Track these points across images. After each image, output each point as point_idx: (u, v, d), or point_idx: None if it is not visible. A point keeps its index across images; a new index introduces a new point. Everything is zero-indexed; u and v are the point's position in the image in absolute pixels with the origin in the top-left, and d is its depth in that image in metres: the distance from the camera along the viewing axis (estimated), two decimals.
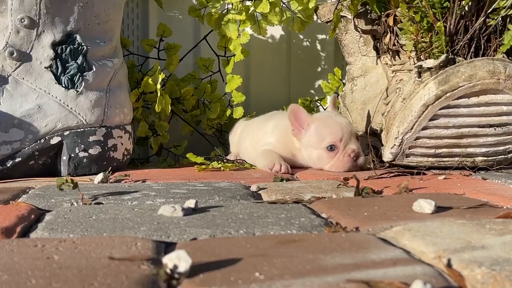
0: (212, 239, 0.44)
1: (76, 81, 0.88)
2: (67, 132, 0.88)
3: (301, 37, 1.35)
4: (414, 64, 0.85)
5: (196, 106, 1.18)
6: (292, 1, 1.12)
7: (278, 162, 0.88)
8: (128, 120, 0.97)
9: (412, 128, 0.81)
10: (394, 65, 0.93)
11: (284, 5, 1.15)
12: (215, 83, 1.18)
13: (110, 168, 0.90)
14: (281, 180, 0.79)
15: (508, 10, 0.84)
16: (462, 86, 0.79)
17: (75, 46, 0.89)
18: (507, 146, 0.84)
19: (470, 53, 0.85)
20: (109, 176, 0.82)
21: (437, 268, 0.35)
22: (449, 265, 0.35)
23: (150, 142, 1.14)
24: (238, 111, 1.16)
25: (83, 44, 0.89)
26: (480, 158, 0.84)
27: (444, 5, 0.83)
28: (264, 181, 0.79)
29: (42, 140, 0.87)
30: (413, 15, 0.84)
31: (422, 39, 0.84)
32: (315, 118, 0.92)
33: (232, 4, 1.11)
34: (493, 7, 0.84)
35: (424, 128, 0.81)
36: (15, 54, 0.84)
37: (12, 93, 0.85)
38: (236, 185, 0.72)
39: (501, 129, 0.82)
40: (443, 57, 0.80)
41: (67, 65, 0.88)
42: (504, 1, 0.84)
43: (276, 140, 0.95)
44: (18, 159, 0.85)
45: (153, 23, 1.25)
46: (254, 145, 0.98)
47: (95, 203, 0.60)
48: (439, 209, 0.53)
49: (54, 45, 0.87)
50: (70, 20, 0.88)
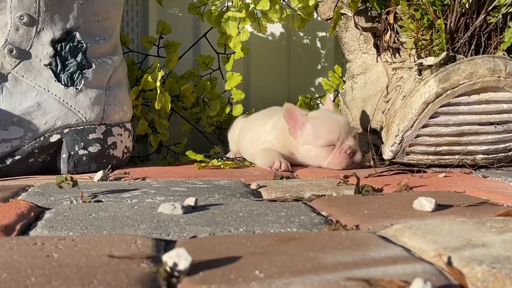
0: (212, 237, 0.44)
1: (75, 78, 0.88)
2: (67, 130, 0.88)
3: (301, 34, 1.34)
4: (415, 61, 0.85)
5: (196, 103, 1.18)
6: None
7: (278, 160, 0.88)
8: (127, 117, 0.97)
9: (412, 126, 0.81)
10: (394, 62, 0.93)
11: (284, 2, 1.15)
12: (215, 80, 1.18)
13: (109, 166, 0.90)
14: (281, 178, 0.79)
15: (508, 8, 0.84)
16: (462, 84, 0.79)
17: (74, 43, 0.88)
18: (508, 144, 0.84)
19: (470, 51, 0.85)
20: (108, 174, 0.82)
21: (438, 266, 0.35)
22: (449, 263, 0.35)
23: (149, 139, 1.14)
24: (237, 109, 1.16)
25: (82, 41, 0.89)
26: (481, 156, 0.84)
27: (445, 2, 0.83)
28: (264, 179, 0.78)
29: (42, 138, 0.87)
30: (414, 13, 0.84)
31: (422, 37, 0.84)
32: (311, 116, 0.92)
33: (232, 2, 1.11)
34: (493, 4, 0.84)
35: (424, 126, 0.81)
36: (14, 52, 0.84)
37: (11, 91, 0.85)
38: (236, 183, 0.72)
39: (501, 127, 0.82)
40: (443, 54, 0.80)
41: (66, 62, 0.88)
42: None
43: (275, 139, 0.95)
44: (17, 157, 0.85)
45: (153, 21, 1.25)
46: (254, 143, 0.98)
47: (94, 201, 0.60)
48: (439, 207, 0.52)
49: (54, 43, 0.87)
50: (70, 17, 0.87)
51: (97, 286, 0.31)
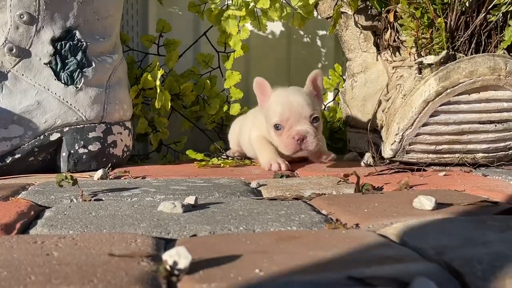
0: (212, 236, 0.44)
1: (75, 77, 0.88)
2: (67, 129, 0.88)
3: (301, 33, 1.34)
4: (415, 60, 0.84)
5: (196, 102, 1.18)
6: None
7: (275, 161, 0.87)
8: (127, 116, 0.97)
9: (412, 125, 0.81)
10: (394, 61, 0.93)
11: (284, 0, 1.15)
12: (215, 79, 1.18)
13: (109, 164, 0.90)
14: (281, 176, 0.79)
15: (508, 6, 0.84)
16: (462, 83, 0.79)
17: (74, 42, 0.88)
18: (508, 143, 0.84)
19: (470, 49, 0.85)
20: (108, 172, 0.82)
21: (438, 265, 0.35)
22: (449, 261, 0.35)
23: (149, 138, 1.14)
24: (235, 108, 1.16)
25: (82, 40, 0.89)
26: (481, 155, 0.84)
27: (445, 1, 0.83)
28: (264, 177, 0.78)
29: (42, 137, 0.87)
30: (414, 11, 0.84)
31: (422, 35, 0.84)
32: (275, 93, 0.89)
33: (232, 0, 1.11)
34: (493, 3, 0.84)
35: (424, 125, 0.81)
36: (14, 50, 0.84)
37: (11, 89, 0.84)
38: (236, 182, 0.72)
39: (501, 125, 0.82)
40: (443, 53, 0.80)
41: (66, 61, 0.88)
42: None
43: (260, 123, 0.93)
44: (17, 156, 0.85)
45: (153, 19, 1.25)
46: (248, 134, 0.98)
47: (94, 200, 0.60)
48: (439, 206, 0.52)
49: (54, 41, 0.86)
50: (70, 16, 0.87)
51: (97, 285, 0.31)
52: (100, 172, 0.79)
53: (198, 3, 1.14)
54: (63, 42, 0.87)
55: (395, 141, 0.83)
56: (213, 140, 1.20)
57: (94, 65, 0.90)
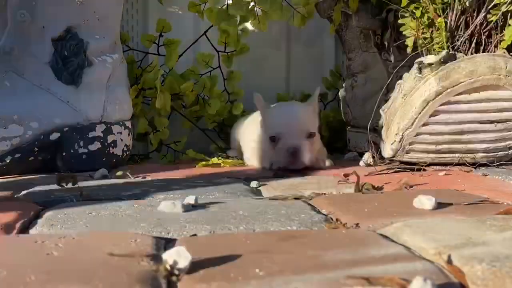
0: (212, 235, 0.44)
1: (75, 77, 0.88)
2: (67, 128, 0.88)
3: (301, 32, 1.34)
4: (415, 60, 0.84)
5: (196, 102, 1.17)
6: None
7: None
8: (127, 116, 0.97)
9: (412, 124, 0.81)
10: (394, 61, 0.93)
11: (284, 0, 1.15)
12: (215, 78, 1.18)
13: (109, 164, 0.90)
14: (281, 176, 0.79)
15: (508, 6, 0.84)
16: (462, 82, 0.79)
17: (74, 42, 0.88)
18: (508, 142, 0.84)
19: (470, 49, 0.85)
20: (108, 172, 0.82)
21: (438, 265, 0.35)
22: (449, 261, 0.35)
23: (149, 138, 1.14)
24: (238, 107, 1.16)
25: (82, 40, 0.89)
26: (481, 154, 0.84)
27: (445, 0, 0.83)
28: (264, 177, 0.78)
29: (42, 136, 0.86)
30: (414, 11, 0.84)
31: (422, 35, 0.84)
32: (274, 106, 0.93)
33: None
34: (493, 2, 0.84)
35: (424, 124, 0.81)
36: (14, 50, 0.84)
37: (11, 89, 0.84)
38: (236, 181, 0.72)
39: (501, 125, 0.82)
40: (443, 53, 0.80)
41: (66, 61, 0.88)
42: None
43: (258, 134, 0.94)
44: (17, 155, 0.85)
45: (153, 19, 1.24)
46: (247, 143, 0.98)
47: (94, 199, 0.60)
48: (439, 205, 0.52)
49: (54, 41, 0.86)
50: (70, 15, 0.87)
51: (97, 284, 0.31)
52: (100, 172, 0.79)
53: (198, 3, 1.14)
54: (63, 42, 0.87)
55: (395, 140, 0.83)
56: (214, 140, 1.20)
57: (94, 64, 0.90)
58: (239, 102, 1.16)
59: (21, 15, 0.83)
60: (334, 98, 1.31)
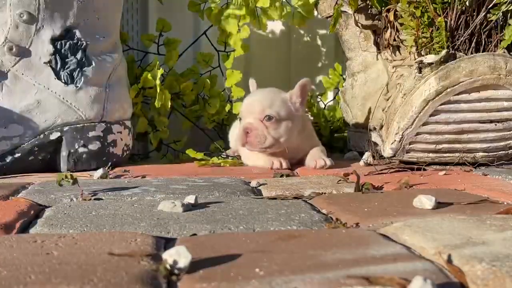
0: (212, 235, 0.44)
1: (75, 76, 0.88)
2: (67, 128, 0.88)
3: (301, 32, 1.34)
4: (415, 59, 0.84)
5: (196, 101, 1.17)
6: None
7: (277, 160, 0.88)
8: (127, 115, 0.97)
9: (412, 124, 0.81)
10: (394, 60, 0.92)
11: (284, 0, 1.15)
12: (215, 78, 1.18)
13: (109, 163, 0.90)
14: (281, 175, 0.79)
15: (508, 6, 0.84)
16: (462, 82, 0.79)
17: (74, 41, 0.88)
18: (508, 142, 0.84)
19: (471, 49, 0.85)
20: (108, 171, 0.82)
21: (438, 264, 0.35)
22: (449, 261, 0.35)
23: (149, 137, 1.14)
24: (238, 107, 1.16)
25: (82, 39, 0.89)
26: (481, 154, 0.84)
27: (445, 0, 0.83)
28: (264, 177, 0.78)
29: (42, 136, 0.87)
30: (414, 10, 0.84)
31: (422, 34, 0.84)
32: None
33: None
34: (494, 2, 0.84)
35: (424, 124, 0.81)
36: (14, 49, 0.84)
37: (11, 89, 0.84)
38: (236, 181, 0.72)
39: (501, 124, 0.82)
40: (443, 52, 0.80)
41: (66, 60, 0.88)
42: None
43: None
44: (17, 155, 0.85)
45: (153, 18, 1.25)
46: None
47: (94, 199, 0.60)
48: (439, 205, 0.52)
49: (54, 40, 0.86)
50: (70, 15, 0.87)
51: (97, 284, 0.31)
52: (100, 171, 0.79)
53: (198, 2, 1.14)
54: (63, 41, 0.87)
55: (395, 140, 0.83)
56: (213, 140, 1.20)
57: (94, 64, 0.90)
58: (239, 102, 1.16)
59: (21, 15, 0.83)
60: (334, 98, 1.31)
